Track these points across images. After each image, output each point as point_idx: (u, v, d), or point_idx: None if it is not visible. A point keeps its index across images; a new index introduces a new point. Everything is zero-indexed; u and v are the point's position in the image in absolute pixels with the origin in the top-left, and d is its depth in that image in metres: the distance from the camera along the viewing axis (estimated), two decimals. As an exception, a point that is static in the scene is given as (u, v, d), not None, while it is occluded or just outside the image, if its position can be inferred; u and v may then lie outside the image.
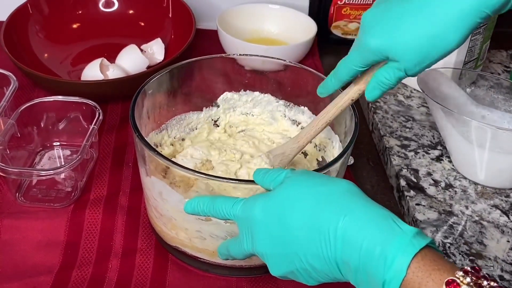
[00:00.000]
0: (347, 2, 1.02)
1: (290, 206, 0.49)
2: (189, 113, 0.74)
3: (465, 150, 0.72)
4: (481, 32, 0.85)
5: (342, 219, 0.46)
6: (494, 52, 1.02)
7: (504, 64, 0.99)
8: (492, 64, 0.99)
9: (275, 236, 0.49)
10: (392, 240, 0.44)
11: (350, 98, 0.62)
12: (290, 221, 0.48)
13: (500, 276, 0.62)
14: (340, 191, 0.49)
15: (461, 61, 0.86)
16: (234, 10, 1.00)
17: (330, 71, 0.98)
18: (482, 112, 0.77)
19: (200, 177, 0.62)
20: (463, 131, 0.71)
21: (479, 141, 0.69)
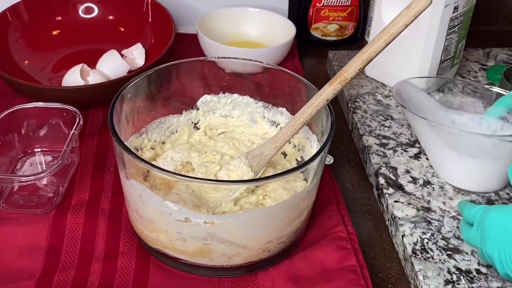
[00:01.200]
0: (326, 4, 1.04)
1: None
2: (169, 117, 0.75)
3: (442, 156, 0.73)
4: (456, 31, 0.87)
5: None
6: (470, 50, 1.03)
7: (481, 62, 1.01)
8: (469, 63, 1.01)
9: (500, 240, 0.57)
10: None
11: (325, 98, 0.63)
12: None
13: (476, 269, 0.63)
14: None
15: (438, 59, 0.87)
16: (213, 14, 1.01)
17: (310, 73, 1.01)
18: (452, 116, 0.78)
19: (179, 179, 0.63)
20: (437, 137, 0.72)
21: (453, 146, 0.71)
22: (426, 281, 0.62)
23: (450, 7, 0.83)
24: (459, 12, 0.85)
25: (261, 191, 0.66)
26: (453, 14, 0.84)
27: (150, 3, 0.97)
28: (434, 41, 0.85)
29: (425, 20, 0.82)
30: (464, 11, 0.86)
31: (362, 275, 0.62)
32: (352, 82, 0.93)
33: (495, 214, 0.58)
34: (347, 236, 0.67)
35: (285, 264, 0.64)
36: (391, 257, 0.68)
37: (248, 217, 0.60)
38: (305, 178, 0.67)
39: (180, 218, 0.59)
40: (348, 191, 0.77)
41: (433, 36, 0.84)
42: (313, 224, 0.70)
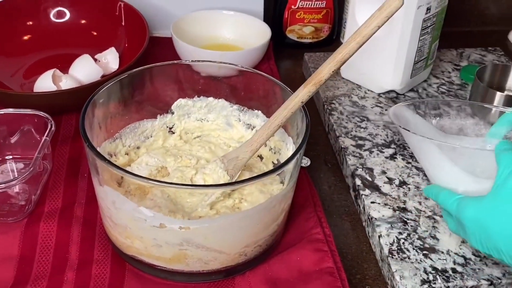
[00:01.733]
0: (301, 7, 1.04)
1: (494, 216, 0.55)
2: (143, 121, 0.74)
3: (457, 181, 0.64)
4: (429, 32, 0.87)
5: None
6: (444, 51, 1.04)
7: (454, 63, 1.02)
8: (443, 63, 1.01)
9: (480, 234, 0.56)
10: None
11: (300, 100, 0.63)
12: (492, 232, 0.55)
13: (452, 268, 0.63)
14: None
15: (412, 60, 0.88)
16: (188, 17, 1.00)
17: (286, 75, 1.01)
18: (453, 142, 0.70)
19: (154, 185, 0.62)
20: (450, 160, 0.63)
21: (468, 169, 0.63)
22: (402, 281, 0.62)
23: (422, 8, 0.83)
24: (432, 13, 0.85)
25: (238, 194, 0.65)
26: (426, 15, 0.84)
27: (123, 7, 0.96)
28: (407, 42, 0.85)
29: (398, 22, 0.82)
30: (437, 12, 0.86)
31: (339, 277, 0.62)
32: (328, 84, 0.93)
33: (470, 209, 0.57)
34: (324, 238, 0.66)
35: (262, 267, 0.64)
36: (368, 258, 0.68)
37: (224, 222, 0.60)
38: (281, 181, 0.67)
39: (155, 224, 0.58)
40: (325, 193, 0.77)
41: (407, 37, 0.85)
42: (290, 226, 0.69)
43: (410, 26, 0.84)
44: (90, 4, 0.98)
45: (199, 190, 0.64)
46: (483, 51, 1.06)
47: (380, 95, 0.91)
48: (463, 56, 1.04)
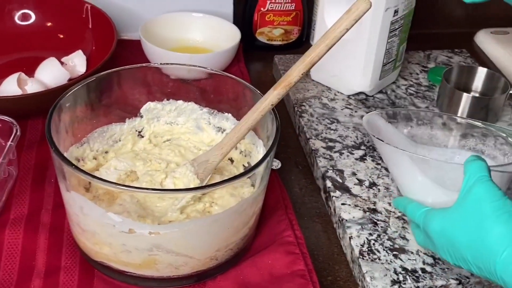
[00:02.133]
0: (271, 9, 1.04)
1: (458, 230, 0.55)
2: (112, 125, 0.73)
3: (427, 192, 0.64)
4: (397, 34, 0.88)
5: (498, 261, 0.51)
6: (412, 53, 1.06)
7: (422, 64, 1.03)
8: (411, 65, 1.03)
9: (447, 246, 0.56)
10: None
11: (270, 103, 0.63)
12: (458, 243, 0.55)
13: (422, 268, 0.64)
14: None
15: (380, 62, 0.89)
16: (157, 20, 0.99)
17: (256, 77, 1.01)
18: (422, 152, 0.72)
19: (122, 190, 0.61)
20: (420, 171, 0.64)
21: (438, 180, 0.64)
22: (373, 282, 0.62)
23: (390, 10, 0.84)
24: (399, 16, 0.86)
25: (208, 198, 0.65)
26: (394, 17, 0.85)
27: (90, 9, 0.95)
28: (376, 44, 0.86)
29: (366, 24, 0.83)
30: (404, 14, 0.87)
31: (311, 279, 0.62)
32: (298, 86, 0.94)
33: (436, 221, 0.57)
34: (295, 241, 0.66)
35: (233, 271, 0.63)
36: (339, 260, 0.68)
37: (194, 226, 0.59)
38: (252, 184, 0.67)
39: (124, 230, 0.57)
40: (296, 195, 0.77)
41: (375, 39, 0.85)
42: (261, 230, 0.69)
43: (378, 28, 0.84)
44: (56, 7, 0.96)
45: (169, 194, 0.63)
46: (450, 53, 1.07)
47: (349, 97, 0.92)
48: (431, 58, 1.05)
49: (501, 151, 0.69)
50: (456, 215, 0.55)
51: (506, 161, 0.67)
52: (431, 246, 0.59)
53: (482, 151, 0.71)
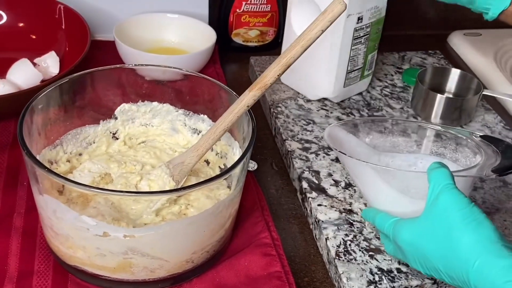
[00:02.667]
0: (246, 10, 1.04)
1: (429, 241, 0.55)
2: (85, 127, 0.72)
3: (392, 202, 0.64)
4: (363, 42, 0.87)
5: (471, 270, 0.51)
6: (386, 54, 1.06)
7: (397, 66, 1.04)
8: (385, 66, 1.03)
9: (417, 256, 0.56)
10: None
11: (245, 104, 0.62)
12: (429, 254, 0.55)
13: (397, 269, 0.64)
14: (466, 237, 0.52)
15: (344, 69, 0.87)
16: (132, 20, 0.98)
17: (232, 78, 1.01)
18: (385, 160, 0.72)
19: (96, 192, 0.60)
20: (383, 181, 0.64)
21: (402, 190, 0.63)
22: (349, 282, 0.62)
23: (353, 17, 0.83)
24: (365, 23, 0.85)
25: (184, 200, 0.64)
26: (358, 24, 0.84)
27: (63, 9, 0.93)
28: (338, 50, 0.85)
29: (328, 29, 0.82)
30: (371, 22, 0.87)
31: (287, 280, 0.62)
32: (274, 88, 0.94)
33: (405, 232, 0.57)
34: (271, 242, 0.66)
35: (209, 274, 0.63)
36: (315, 261, 0.69)
37: (170, 228, 0.59)
38: (228, 185, 0.67)
39: (98, 233, 0.57)
40: (272, 196, 0.77)
41: (337, 45, 0.84)
42: (238, 231, 0.69)
43: (340, 34, 0.83)
44: (28, 7, 0.95)
45: (144, 197, 0.63)
46: (424, 54, 1.08)
47: (325, 98, 0.92)
48: (405, 59, 1.06)
49: (462, 154, 0.69)
50: (424, 226, 0.55)
51: (468, 163, 0.68)
52: (401, 256, 0.59)
53: (444, 154, 0.70)
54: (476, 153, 0.67)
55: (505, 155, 0.63)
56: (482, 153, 0.65)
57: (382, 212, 0.62)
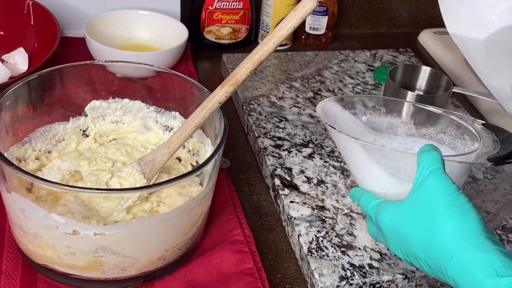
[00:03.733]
0: (218, 7, 1.03)
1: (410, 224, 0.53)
2: (55, 124, 0.71)
3: (383, 183, 0.62)
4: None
5: (450, 261, 0.49)
6: (358, 52, 1.07)
7: (368, 64, 1.05)
8: (357, 64, 1.04)
9: (398, 241, 0.55)
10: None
11: (217, 101, 0.62)
12: (409, 239, 0.53)
13: (369, 264, 0.65)
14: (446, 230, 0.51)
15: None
16: (102, 17, 0.97)
17: (204, 75, 1.01)
18: (382, 141, 0.69)
19: (65, 190, 0.60)
20: (374, 161, 0.62)
21: (393, 172, 0.61)
22: (322, 279, 0.63)
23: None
24: None
25: (155, 198, 0.64)
26: None
27: (32, 5, 0.92)
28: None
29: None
30: None
31: (260, 277, 0.62)
32: (247, 85, 0.94)
33: (387, 215, 0.55)
34: (244, 239, 0.66)
35: (181, 271, 0.63)
36: (288, 257, 0.69)
37: (141, 226, 0.58)
38: (200, 183, 0.66)
39: (68, 231, 0.56)
40: (245, 193, 0.77)
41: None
42: (210, 229, 0.69)
43: None
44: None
45: (114, 194, 0.62)
46: (395, 52, 1.10)
47: (297, 95, 0.93)
48: (376, 57, 1.07)
49: (462, 141, 0.67)
50: (407, 209, 0.53)
51: (466, 150, 0.65)
52: (382, 240, 0.58)
53: (443, 140, 0.68)
54: (475, 140, 0.64)
55: (505, 145, 0.61)
56: (481, 141, 0.62)
57: (368, 193, 0.60)
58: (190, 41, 1.01)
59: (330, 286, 0.62)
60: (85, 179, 0.65)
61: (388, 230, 0.55)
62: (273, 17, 1.06)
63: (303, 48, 1.11)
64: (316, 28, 1.11)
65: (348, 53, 1.07)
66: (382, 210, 0.56)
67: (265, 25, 1.08)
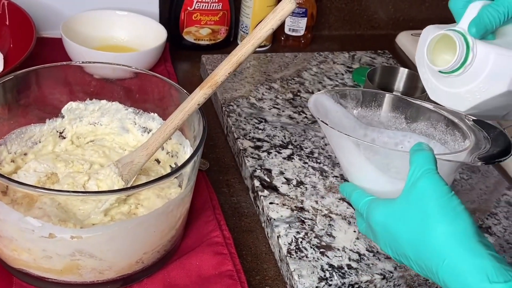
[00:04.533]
0: (197, 8, 1.03)
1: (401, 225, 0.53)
2: (31, 126, 0.70)
3: (373, 179, 0.62)
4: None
5: (442, 264, 0.49)
6: (337, 53, 1.08)
7: (347, 65, 1.05)
8: (336, 65, 1.05)
9: (388, 240, 0.54)
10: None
11: (196, 102, 0.62)
12: (400, 239, 0.53)
13: (348, 265, 0.65)
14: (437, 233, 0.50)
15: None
16: (79, 17, 0.96)
17: (183, 77, 1.00)
18: (372, 135, 0.69)
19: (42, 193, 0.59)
20: (365, 157, 0.61)
21: (383, 168, 0.61)
22: (301, 280, 0.63)
23: None
24: None
25: (134, 200, 0.63)
26: None
27: (7, 5, 0.90)
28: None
29: None
30: None
31: (239, 279, 0.62)
32: (226, 86, 0.93)
33: (379, 213, 0.55)
34: (223, 241, 0.66)
35: (160, 274, 0.62)
36: (267, 259, 0.69)
37: (119, 229, 0.58)
38: (179, 184, 0.66)
39: (44, 234, 0.55)
40: (224, 195, 0.77)
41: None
42: (189, 231, 0.68)
43: None
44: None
45: (91, 196, 0.61)
46: (373, 54, 1.10)
47: (277, 97, 0.93)
48: (355, 59, 1.08)
49: (452, 136, 0.66)
50: (399, 209, 0.53)
51: (456, 147, 0.65)
52: (372, 237, 0.57)
53: (433, 135, 0.68)
54: (466, 137, 0.64)
55: (495, 142, 0.60)
56: (472, 138, 0.62)
57: (359, 189, 0.60)
58: (169, 42, 1.01)
59: (309, 287, 0.62)
60: (62, 182, 0.65)
61: (379, 228, 0.55)
62: (252, 18, 1.06)
63: (282, 49, 1.11)
64: (295, 30, 1.11)
65: (327, 54, 1.07)
66: (374, 208, 0.56)
67: (244, 26, 1.08)
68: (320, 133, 0.85)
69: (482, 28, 0.58)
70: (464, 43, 0.58)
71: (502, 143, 0.60)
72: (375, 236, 0.57)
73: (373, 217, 0.56)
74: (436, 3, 1.25)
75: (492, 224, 0.74)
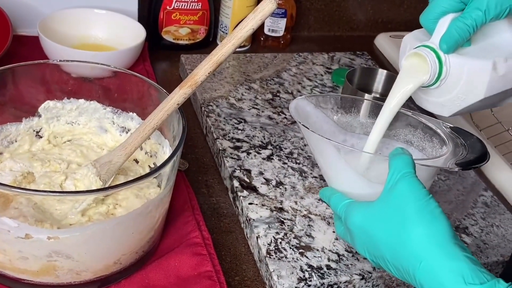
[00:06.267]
0: (177, 8, 1.02)
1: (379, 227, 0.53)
2: (6, 125, 0.69)
3: (351, 183, 0.62)
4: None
5: (418, 266, 0.49)
6: (316, 55, 1.08)
7: (326, 66, 1.06)
8: (315, 66, 1.05)
9: (366, 242, 0.55)
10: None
11: (176, 102, 0.61)
12: (378, 241, 0.53)
13: (327, 265, 0.65)
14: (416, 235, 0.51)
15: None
16: (57, 15, 0.95)
17: (162, 76, 0.99)
18: (352, 140, 0.70)
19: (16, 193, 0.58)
20: (345, 161, 0.62)
21: (363, 172, 0.62)
22: (280, 280, 0.63)
23: None
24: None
25: (112, 200, 0.63)
26: None
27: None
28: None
29: None
30: None
31: (218, 280, 0.62)
32: (205, 86, 0.93)
33: (357, 216, 0.55)
34: (202, 242, 0.66)
35: (138, 275, 0.62)
36: (247, 260, 0.68)
37: (96, 229, 0.57)
38: (158, 184, 0.65)
39: (20, 235, 0.54)
40: (203, 196, 0.77)
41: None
42: (168, 232, 0.68)
43: None
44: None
45: (69, 196, 0.60)
46: (352, 55, 1.11)
47: (256, 97, 0.93)
48: (334, 60, 1.08)
49: (430, 143, 0.67)
50: (377, 212, 0.53)
51: (434, 153, 0.66)
52: (350, 240, 0.58)
53: (412, 142, 0.69)
54: (443, 144, 0.65)
55: (472, 149, 0.62)
56: (449, 145, 0.64)
57: (338, 193, 0.60)
58: (148, 41, 1.00)
59: (289, 287, 0.62)
60: (38, 181, 0.64)
61: (357, 230, 0.55)
62: (232, 19, 1.06)
63: (262, 49, 1.11)
64: (275, 30, 1.11)
65: (307, 55, 1.08)
66: (352, 211, 0.56)
67: (224, 26, 1.08)
68: (299, 134, 0.85)
69: (452, 45, 0.58)
70: (436, 60, 0.59)
71: (479, 150, 0.62)
72: (352, 239, 0.57)
73: (351, 219, 0.56)
74: (414, 5, 1.26)
75: (469, 224, 0.75)
